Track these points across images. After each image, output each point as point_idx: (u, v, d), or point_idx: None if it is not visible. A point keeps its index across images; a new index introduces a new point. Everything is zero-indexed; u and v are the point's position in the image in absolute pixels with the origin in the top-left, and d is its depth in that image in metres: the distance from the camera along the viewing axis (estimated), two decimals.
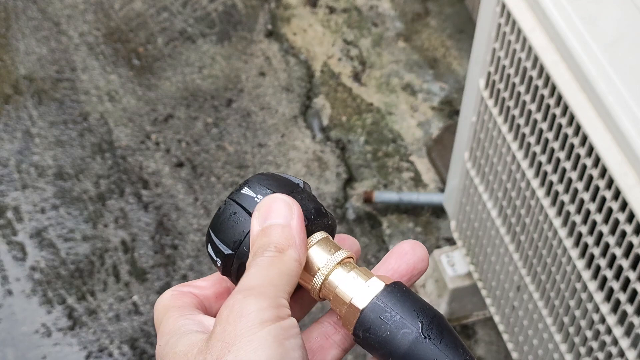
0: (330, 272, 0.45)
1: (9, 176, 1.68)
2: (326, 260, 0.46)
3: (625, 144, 0.81)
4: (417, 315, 0.43)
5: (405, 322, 0.43)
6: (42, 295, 1.53)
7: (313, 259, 0.46)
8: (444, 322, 0.43)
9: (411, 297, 0.44)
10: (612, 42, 0.85)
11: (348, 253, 0.46)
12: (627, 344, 0.92)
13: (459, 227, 1.33)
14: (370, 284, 0.44)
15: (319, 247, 0.46)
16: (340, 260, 0.46)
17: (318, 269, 0.46)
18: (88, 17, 1.94)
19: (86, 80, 1.83)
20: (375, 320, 0.43)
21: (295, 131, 1.78)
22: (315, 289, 0.46)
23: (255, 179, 0.47)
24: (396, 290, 0.44)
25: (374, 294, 0.44)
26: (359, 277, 0.45)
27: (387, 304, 0.43)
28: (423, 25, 1.96)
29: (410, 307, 0.43)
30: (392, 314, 0.43)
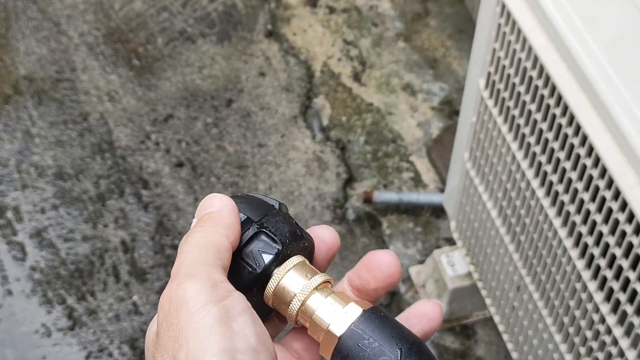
0: (307, 297, 0.44)
1: (8, 176, 1.68)
2: (303, 285, 0.45)
3: (625, 144, 0.81)
4: (395, 342, 0.42)
5: (383, 350, 0.42)
6: (42, 296, 1.53)
7: (289, 284, 0.45)
8: (423, 349, 0.43)
9: (389, 323, 0.43)
10: (612, 42, 0.85)
11: (325, 277, 0.45)
12: (627, 344, 0.92)
13: (458, 227, 1.33)
14: (347, 310, 0.44)
15: (295, 271, 0.45)
16: (317, 285, 0.45)
17: (294, 294, 0.44)
18: (88, 17, 1.94)
19: (86, 80, 1.83)
20: (353, 347, 0.42)
21: (295, 131, 1.78)
22: (292, 315, 0.45)
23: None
24: (374, 316, 0.43)
25: (352, 320, 0.43)
26: (336, 303, 0.44)
27: (365, 331, 0.43)
28: (423, 25, 1.96)
29: (388, 333, 0.42)
30: (370, 341, 0.42)
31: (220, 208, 0.44)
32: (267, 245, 0.45)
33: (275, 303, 0.46)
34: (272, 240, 0.45)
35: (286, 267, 0.45)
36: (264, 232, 0.45)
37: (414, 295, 1.56)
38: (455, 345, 1.51)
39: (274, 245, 0.45)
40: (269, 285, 0.45)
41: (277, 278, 0.45)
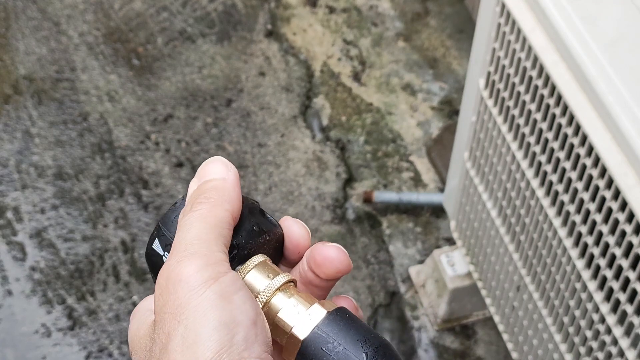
0: (270, 298, 0.43)
1: (8, 176, 1.68)
2: (265, 286, 0.43)
3: (625, 144, 0.81)
4: (361, 345, 0.41)
5: (348, 354, 0.41)
6: (42, 296, 1.53)
7: (250, 285, 0.43)
8: (389, 351, 0.41)
9: (355, 325, 0.42)
10: (612, 42, 0.85)
11: (288, 277, 0.44)
12: (627, 344, 0.92)
13: (458, 227, 1.33)
14: (311, 312, 0.42)
15: (257, 271, 0.43)
16: (280, 285, 0.43)
17: (257, 295, 0.43)
18: (88, 17, 1.94)
19: (86, 80, 1.83)
20: (316, 351, 0.41)
21: (295, 131, 1.78)
22: None
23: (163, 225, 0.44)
24: (339, 318, 0.42)
25: (315, 323, 0.42)
26: (299, 305, 0.42)
27: (329, 334, 0.41)
28: (423, 25, 1.96)
29: (353, 336, 0.41)
30: (334, 345, 0.41)
31: (225, 176, 0.42)
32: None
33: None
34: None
35: (247, 267, 0.43)
36: None
37: (414, 295, 1.56)
38: (455, 345, 1.51)
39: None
40: None
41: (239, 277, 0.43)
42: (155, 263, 0.44)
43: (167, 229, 0.44)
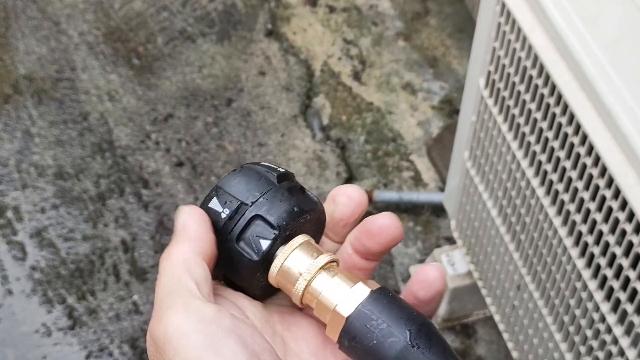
0: (313, 278, 0.43)
1: (8, 176, 1.68)
2: (308, 265, 0.44)
3: (625, 143, 0.81)
4: (404, 323, 0.41)
5: (392, 331, 0.41)
6: (42, 295, 1.53)
7: (294, 265, 0.44)
8: (432, 330, 0.42)
9: (398, 304, 0.42)
10: (612, 42, 0.85)
11: (331, 257, 0.44)
12: (627, 343, 0.92)
13: (458, 226, 1.33)
14: (355, 290, 0.42)
15: (300, 251, 0.44)
16: (323, 264, 0.44)
17: (300, 274, 0.43)
18: (88, 17, 1.94)
19: (86, 79, 1.83)
20: (361, 328, 0.41)
21: (295, 130, 1.78)
22: (298, 296, 0.44)
23: (225, 185, 0.45)
24: (382, 297, 0.42)
25: (359, 300, 0.42)
26: (343, 283, 0.43)
27: (373, 312, 0.42)
28: (423, 24, 1.96)
29: (397, 314, 0.42)
30: (378, 322, 0.41)
31: (184, 223, 0.43)
32: (264, 230, 0.44)
33: (280, 284, 0.45)
34: (268, 224, 0.44)
35: (290, 247, 0.44)
36: (260, 217, 0.44)
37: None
38: (455, 344, 1.51)
39: (271, 230, 0.44)
40: (273, 266, 0.44)
41: (281, 259, 0.44)
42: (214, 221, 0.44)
43: (227, 190, 0.44)
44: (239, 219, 0.44)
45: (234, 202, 0.44)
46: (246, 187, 0.45)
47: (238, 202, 0.44)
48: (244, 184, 0.45)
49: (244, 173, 0.46)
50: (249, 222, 0.44)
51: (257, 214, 0.44)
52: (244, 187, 0.45)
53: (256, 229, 0.44)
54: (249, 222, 0.44)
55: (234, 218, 0.44)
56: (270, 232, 0.44)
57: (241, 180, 0.45)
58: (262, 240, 0.44)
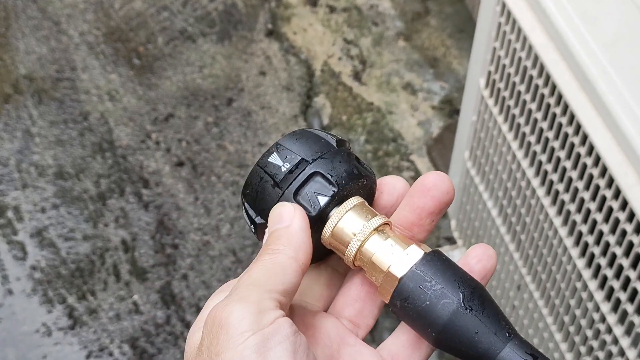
0: (366, 239, 0.43)
1: (9, 176, 1.68)
2: (362, 226, 0.44)
3: (625, 143, 0.81)
4: (458, 285, 0.41)
5: (445, 292, 0.41)
6: (42, 295, 1.53)
7: (347, 226, 0.44)
8: (485, 293, 0.42)
9: (452, 267, 0.42)
10: (612, 42, 0.85)
11: (385, 219, 0.44)
12: (627, 343, 0.92)
13: (459, 226, 1.33)
14: (409, 252, 0.43)
15: (354, 212, 0.44)
16: (377, 226, 0.44)
17: (353, 234, 0.44)
18: (88, 17, 1.94)
19: (86, 79, 1.83)
20: (414, 289, 0.41)
21: None
22: (350, 256, 0.44)
23: (285, 142, 0.46)
24: (436, 259, 0.42)
25: (413, 262, 0.42)
26: (396, 245, 0.43)
27: (427, 273, 0.42)
28: (423, 24, 1.96)
29: (450, 276, 0.42)
30: (432, 284, 0.41)
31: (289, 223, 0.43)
32: (322, 187, 0.44)
33: (332, 245, 0.45)
34: (327, 181, 0.44)
35: (344, 208, 0.44)
36: (320, 173, 0.44)
37: None
38: None
39: (330, 187, 0.44)
40: (327, 226, 0.44)
41: (335, 219, 0.44)
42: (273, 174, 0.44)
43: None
44: (299, 174, 0.44)
45: (295, 158, 0.44)
46: (307, 145, 0.45)
47: (299, 157, 0.44)
48: (305, 143, 0.45)
49: (304, 134, 0.46)
50: (308, 177, 0.44)
51: (317, 170, 0.44)
52: (305, 146, 0.45)
53: (315, 185, 0.44)
54: (309, 177, 0.44)
55: (293, 172, 0.44)
56: (329, 190, 0.44)
57: (302, 140, 0.46)
58: (320, 197, 0.44)
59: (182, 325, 1.52)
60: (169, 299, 1.54)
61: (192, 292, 1.55)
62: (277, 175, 0.44)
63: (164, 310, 1.53)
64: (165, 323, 1.52)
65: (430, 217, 0.46)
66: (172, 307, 1.54)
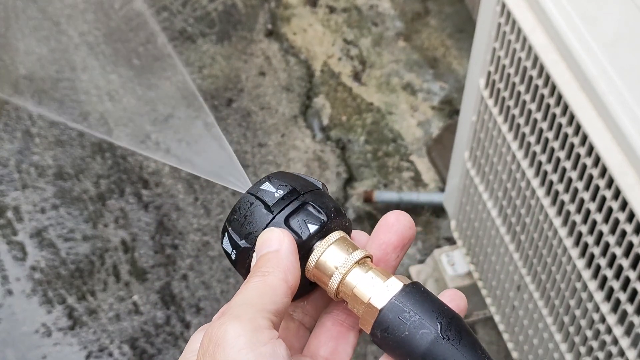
0: (348, 272, 0.45)
1: (8, 176, 1.68)
2: (343, 259, 0.45)
3: (625, 143, 0.81)
4: (435, 315, 0.43)
5: (423, 323, 0.43)
6: (42, 295, 1.53)
7: (330, 259, 0.46)
8: (462, 323, 0.43)
9: (429, 298, 0.44)
10: (612, 42, 0.85)
11: (366, 252, 0.46)
12: (627, 344, 0.92)
13: (459, 226, 1.33)
14: (388, 284, 0.44)
15: (336, 246, 0.46)
16: (358, 259, 0.46)
17: (335, 268, 0.45)
18: (88, 17, 1.94)
19: (86, 80, 1.83)
20: (393, 320, 0.43)
21: (295, 131, 1.78)
22: (333, 289, 0.46)
23: (275, 176, 0.48)
24: (415, 291, 0.44)
25: (393, 293, 0.44)
26: (377, 277, 0.45)
27: (406, 304, 0.43)
28: (423, 24, 1.96)
29: (429, 307, 0.43)
30: (410, 314, 0.43)
31: (278, 247, 0.44)
32: (312, 216, 0.46)
33: (316, 276, 0.46)
34: (317, 211, 0.46)
35: (328, 240, 0.46)
36: (310, 204, 0.46)
37: None
38: None
39: (319, 217, 0.46)
40: (311, 258, 0.46)
41: (319, 251, 0.46)
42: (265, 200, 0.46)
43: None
44: (291, 201, 0.46)
45: (287, 187, 0.47)
46: (297, 181, 0.47)
47: (291, 187, 0.47)
48: (295, 179, 0.48)
49: (293, 174, 0.49)
50: (299, 206, 0.46)
51: (307, 201, 0.46)
52: (296, 181, 0.47)
53: (305, 213, 0.46)
54: (300, 206, 0.46)
55: (285, 199, 0.46)
56: (319, 219, 0.46)
57: (292, 176, 0.48)
58: (310, 225, 0.46)
59: (181, 325, 1.52)
60: (168, 299, 1.54)
61: (192, 292, 1.55)
62: (270, 200, 0.46)
63: (163, 310, 1.53)
64: (165, 323, 1.52)
65: (395, 252, 0.48)
66: (172, 308, 1.54)
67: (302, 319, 0.49)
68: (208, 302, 1.54)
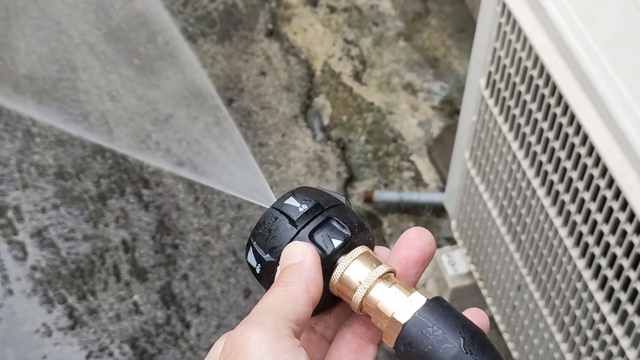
0: (372, 286, 0.46)
1: (9, 176, 1.68)
2: (367, 274, 0.46)
3: (625, 143, 0.81)
4: (459, 330, 0.43)
5: (447, 337, 0.43)
6: (42, 295, 1.53)
7: (354, 273, 0.46)
8: (485, 338, 0.44)
9: (453, 313, 0.44)
10: (613, 42, 0.85)
11: (389, 267, 0.46)
12: (627, 344, 0.92)
13: (459, 226, 1.33)
14: (412, 299, 0.45)
15: (360, 261, 0.46)
16: (382, 274, 0.46)
17: (359, 283, 0.46)
18: (88, 17, 1.94)
19: (87, 79, 1.83)
20: (417, 334, 0.44)
21: (295, 131, 1.78)
22: (356, 303, 0.46)
23: (299, 191, 0.48)
24: (438, 305, 0.44)
25: (416, 308, 0.44)
26: (400, 292, 0.45)
27: (429, 319, 0.44)
28: (423, 24, 1.96)
29: (452, 322, 0.44)
30: (434, 329, 0.43)
31: (302, 260, 0.45)
32: (336, 231, 0.46)
33: (340, 290, 0.47)
34: (341, 226, 0.47)
35: (352, 255, 0.46)
36: (334, 219, 0.47)
37: None
38: None
39: (343, 232, 0.46)
40: (335, 272, 0.46)
41: (343, 266, 0.46)
42: (290, 214, 0.47)
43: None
44: (315, 216, 0.47)
45: (311, 202, 0.47)
46: (321, 196, 0.48)
47: (315, 202, 0.47)
48: (319, 194, 0.48)
49: (317, 189, 0.49)
50: (323, 221, 0.47)
51: (332, 216, 0.47)
52: (320, 196, 0.48)
53: (329, 228, 0.47)
54: (324, 221, 0.47)
55: (309, 214, 0.47)
56: (343, 234, 0.46)
57: (316, 191, 0.48)
58: (334, 240, 0.46)
59: (182, 325, 1.52)
60: (169, 299, 1.54)
61: (193, 292, 1.55)
62: (294, 215, 0.47)
63: (164, 310, 1.53)
64: (165, 323, 1.52)
65: (415, 268, 0.48)
66: (173, 308, 1.54)
67: (324, 332, 0.49)
68: (208, 302, 1.54)
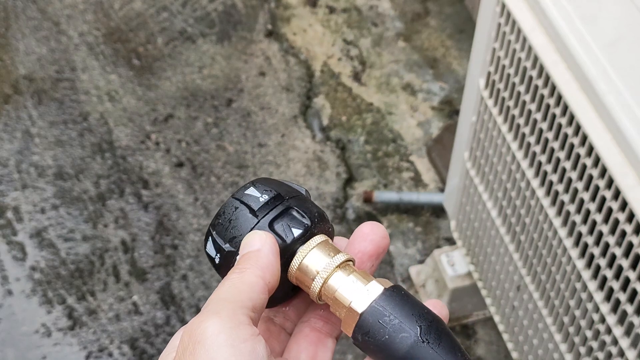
0: (330, 275, 0.46)
1: (8, 176, 1.68)
2: (326, 263, 0.46)
3: (625, 144, 0.81)
4: (415, 319, 0.43)
5: (403, 326, 0.43)
6: (42, 295, 1.53)
7: (312, 262, 0.46)
8: (442, 326, 0.44)
9: (410, 301, 0.44)
10: (612, 42, 0.85)
11: (347, 256, 0.47)
12: (627, 344, 0.92)
13: (459, 226, 1.33)
14: (369, 288, 0.45)
15: (319, 250, 0.46)
16: (340, 263, 0.46)
17: (317, 272, 0.46)
18: (88, 17, 1.94)
19: (86, 80, 1.83)
20: (374, 324, 0.44)
21: (295, 131, 1.78)
22: (315, 292, 0.46)
23: (259, 181, 0.48)
24: (395, 294, 0.44)
25: (373, 297, 0.44)
26: (358, 281, 0.45)
27: (386, 308, 0.44)
28: (423, 25, 1.96)
29: (409, 311, 0.44)
30: (390, 318, 0.43)
31: (259, 247, 0.45)
32: (296, 221, 0.47)
33: (299, 280, 0.47)
34: (301, 216, 0.47)
35: (311, 244, 0.46)
36: (294, 209, 0.47)
37: (414, 295, 1.56)
38: None
39: (303, 221, 0.46)
40: (294, 261, 0.46)
41: (302, 254, 0.46)
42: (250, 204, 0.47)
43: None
44: (275, 206, 0.47)
45: (272, 192, 0.47)
46: (281, 187, 0.48)
47: (276, 192, 0.47)
48: (279, 185, 0.48)
49: (277, 181, 0.49)
50: (283, 211, 0.47)
51: (292, 206, 0.47)
52: (280, 187, 0.48)
53: (289, 217, 0.47)
54: (284, 211, 0.47)
55: (269, 204, 0.47)
56: (303, 223, 0.46)
57: (276, 182, 0.48)
58: (294, 229, 0.46)
59: (181, 325, 1.52)
60: (168, 299, 1.54)
61: (192, 292, 1.55)
62: (255, 205, 0.47)
63: (163, 310, 1.53)
64: (164, 324, 1.52)
65: (370, 261, 0.48)
66: (172, 308, 1.54)
67: (283, 323, 0.49)
68: None
